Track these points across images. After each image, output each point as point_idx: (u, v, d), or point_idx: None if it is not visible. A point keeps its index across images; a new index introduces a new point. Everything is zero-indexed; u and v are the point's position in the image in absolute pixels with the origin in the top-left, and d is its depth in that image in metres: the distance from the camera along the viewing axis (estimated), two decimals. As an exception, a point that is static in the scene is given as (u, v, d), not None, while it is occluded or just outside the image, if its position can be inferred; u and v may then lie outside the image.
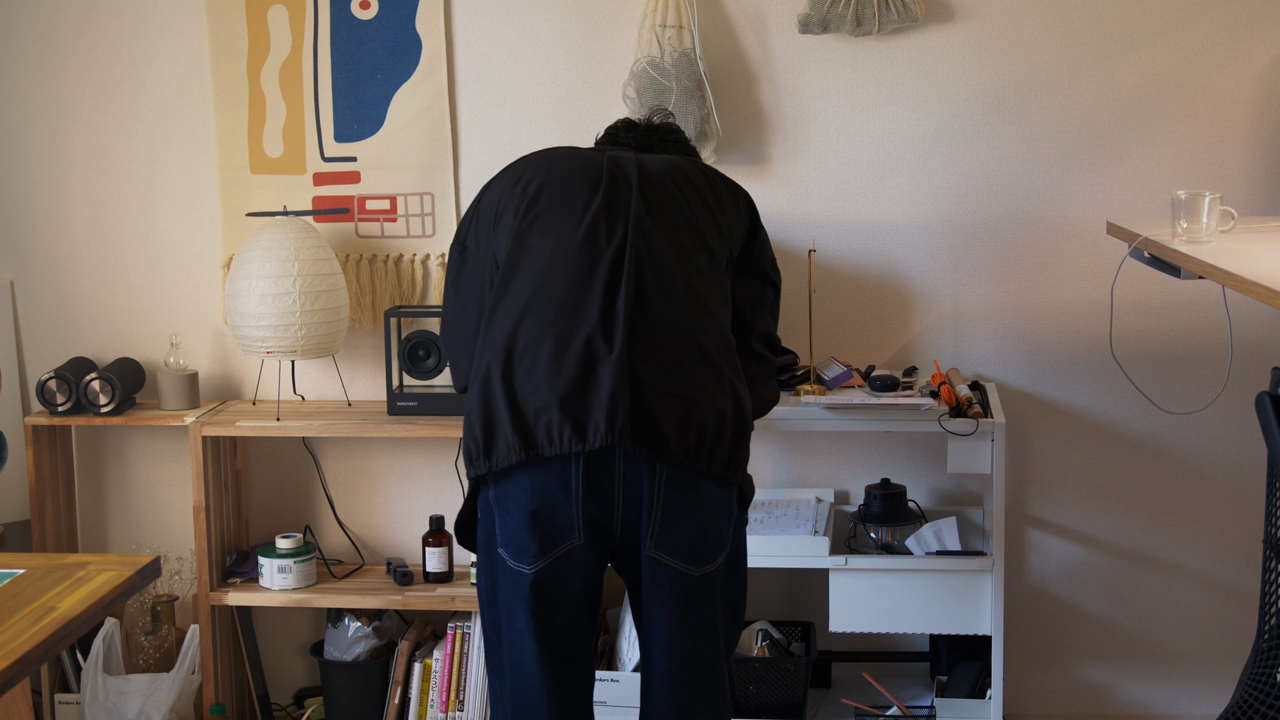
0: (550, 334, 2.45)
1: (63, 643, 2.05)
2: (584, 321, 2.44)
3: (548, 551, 2.44)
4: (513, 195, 2.68)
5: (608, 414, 2.36)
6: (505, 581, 2.48)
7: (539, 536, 2.44)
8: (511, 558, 2.46)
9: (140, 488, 3.87)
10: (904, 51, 3.54)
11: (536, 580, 2.44)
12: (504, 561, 2.48)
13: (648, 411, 2.39)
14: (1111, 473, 3.64)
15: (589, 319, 2.44)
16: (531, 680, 2.48)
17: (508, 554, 2.46)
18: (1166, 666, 3.69)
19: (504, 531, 2.47)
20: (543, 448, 2.39)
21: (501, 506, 2.47)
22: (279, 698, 3.89)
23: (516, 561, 2.45)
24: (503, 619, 2.51)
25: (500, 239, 2.64)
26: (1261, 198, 3.50)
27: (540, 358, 2.43)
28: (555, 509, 2.43)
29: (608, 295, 2.46)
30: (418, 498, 3.81)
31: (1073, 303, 3.58)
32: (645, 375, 2.40)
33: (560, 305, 2.47)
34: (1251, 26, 3.48)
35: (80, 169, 3.80)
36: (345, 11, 3.67)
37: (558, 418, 2.38)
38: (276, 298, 3.46)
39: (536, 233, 2.58)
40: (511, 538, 2.46)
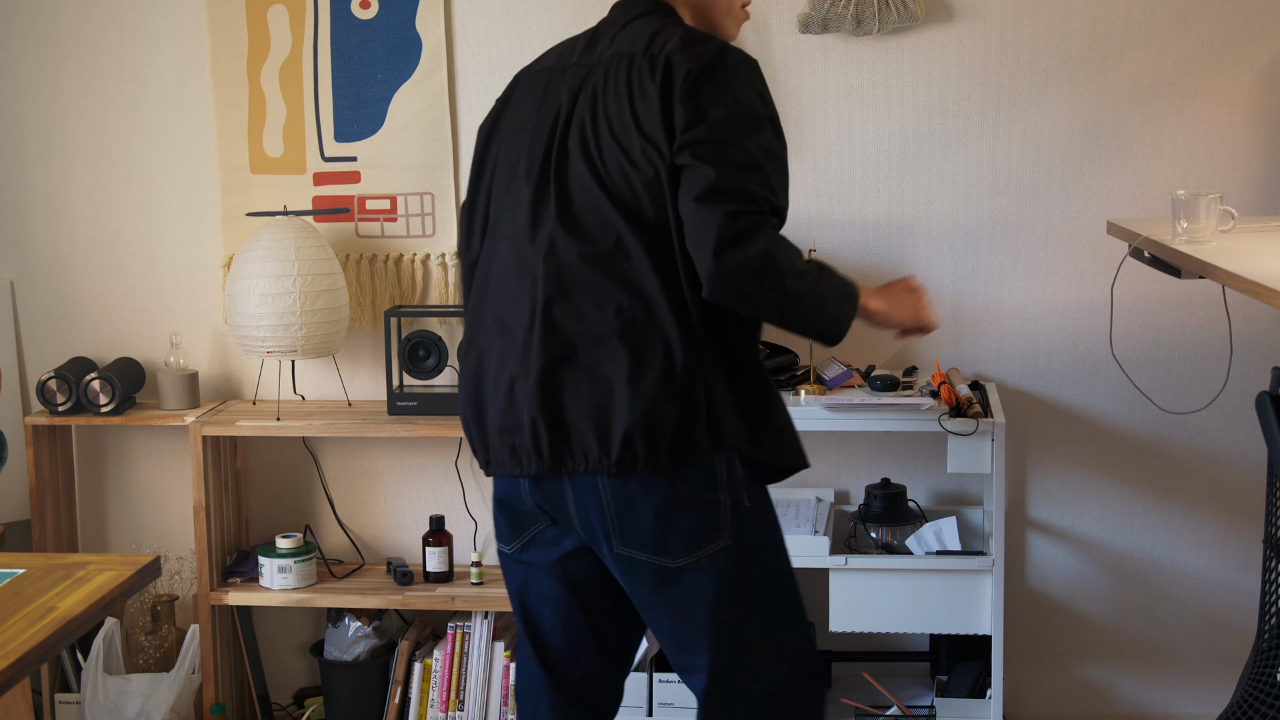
0: (492, 354, 2.34)
1: (63, 643, 2.05)
2: (511, 346, 2.32)
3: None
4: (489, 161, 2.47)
5: (531, 441, 2.27)
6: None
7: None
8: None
9: (140, 488, 3.87)
10: (904, 51, 3.54)
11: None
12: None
13: (565, 432, 2.25)
14: (1111, 472, 3.64)
15: (515, 342, 2.31)
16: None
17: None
18: (1166, 666, 3.69)
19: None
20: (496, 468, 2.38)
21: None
22: (279, 698, 3.89)
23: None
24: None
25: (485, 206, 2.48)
26: (1261, 198, 3.50)
27: (485, 377, 2.35)
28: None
29: (529, 317, 2.30)
30: (418, 498, 3.81)
31: (1073, 303, 3.58)
32: (559, 395, 2.26)
33: (499, 325, 2.35)
34: (1251, 26, 3.48)
35: (80, 169, 3.80)
36: (345, 11, 3.67)
37: (496, 443, 2.33)
38: (276, 297, 3.46)
39: (495, 228, 2.40)
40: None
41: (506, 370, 2.29)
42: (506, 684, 3.57)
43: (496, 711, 3.58)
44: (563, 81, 2.36)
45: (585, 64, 2.36)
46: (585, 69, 2.35)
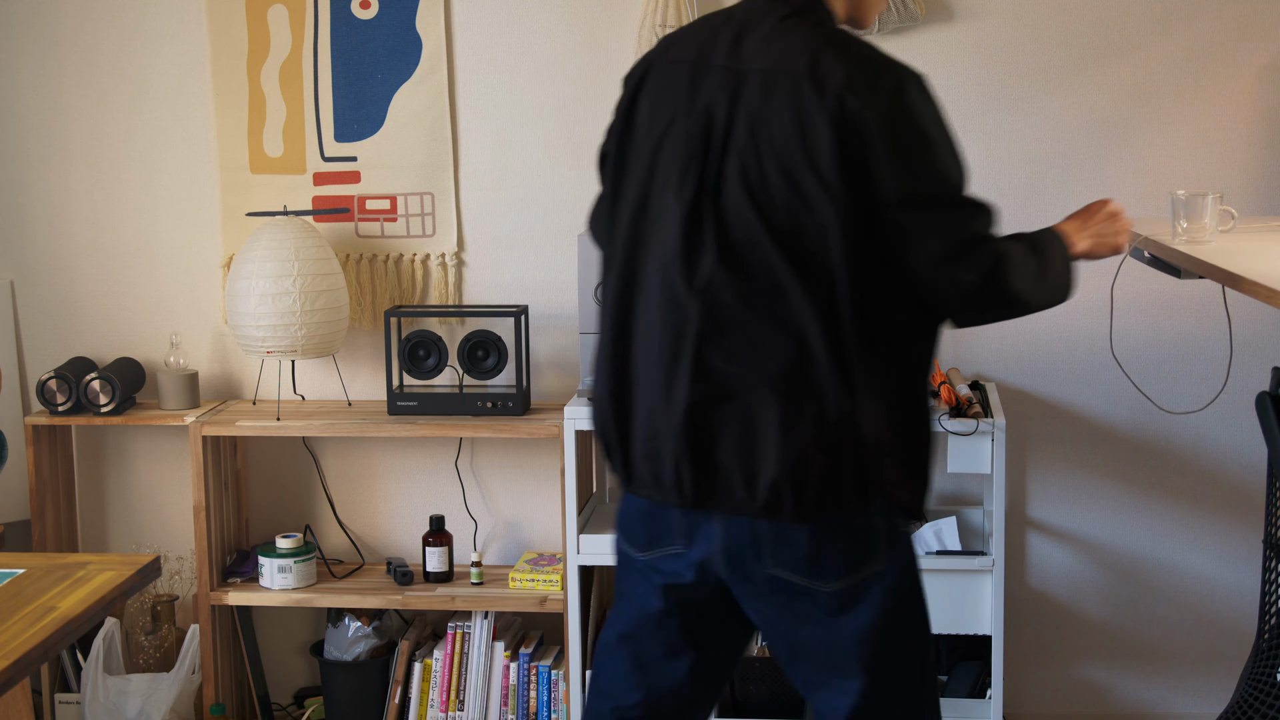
0: (636, 374, 2.26)
1: (63, 643, 2.05)
2: (653, 374, 2.23)
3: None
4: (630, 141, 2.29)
5: (673, 476, 2.23)
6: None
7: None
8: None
9: (140, 488, 3.87)
10: (904, 51, 3.52)
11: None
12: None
13: (711, 472, 2.21)
14: (1111, 473, 3.64)
15: (657, 370, 2.22)
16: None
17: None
18: (1166, 666, 3.69)
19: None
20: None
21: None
22: (279, 697, 3.89)
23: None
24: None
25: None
26: (1261, 198, 3.50)
27: (630, 398, 2.29)
28: None
29: (674, 348, 2.19)
30: (418, 498, 3.81)
31: (1073, 303, 3.56)
32: (707, 435, 2.19)
33: (643, 348, 2.25)
34: (1251, 26, 3.48)
35: (80, 169, 3.80)
36: (345, 11, 3.67)
37: (640, 466, 2.31)
38: (276, 297, 3.46)
39: (640, 236, 2.24)
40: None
41: (648, 398, 2.21)
42: (506, 684, 3.58)
43: (496, 711, 3.59)
44: (711, 84, 2.18)
45: (735, 68, 2.17)
46: (736, 75, 2.17)
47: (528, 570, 3.58)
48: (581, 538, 3.37)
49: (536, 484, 3.77)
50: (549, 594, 3.54)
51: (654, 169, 2.21)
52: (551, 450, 3.70)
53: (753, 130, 2.14)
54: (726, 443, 2.16)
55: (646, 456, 2.23)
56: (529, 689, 3.56)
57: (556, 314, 3.70)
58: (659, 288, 2.19)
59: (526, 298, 3.71)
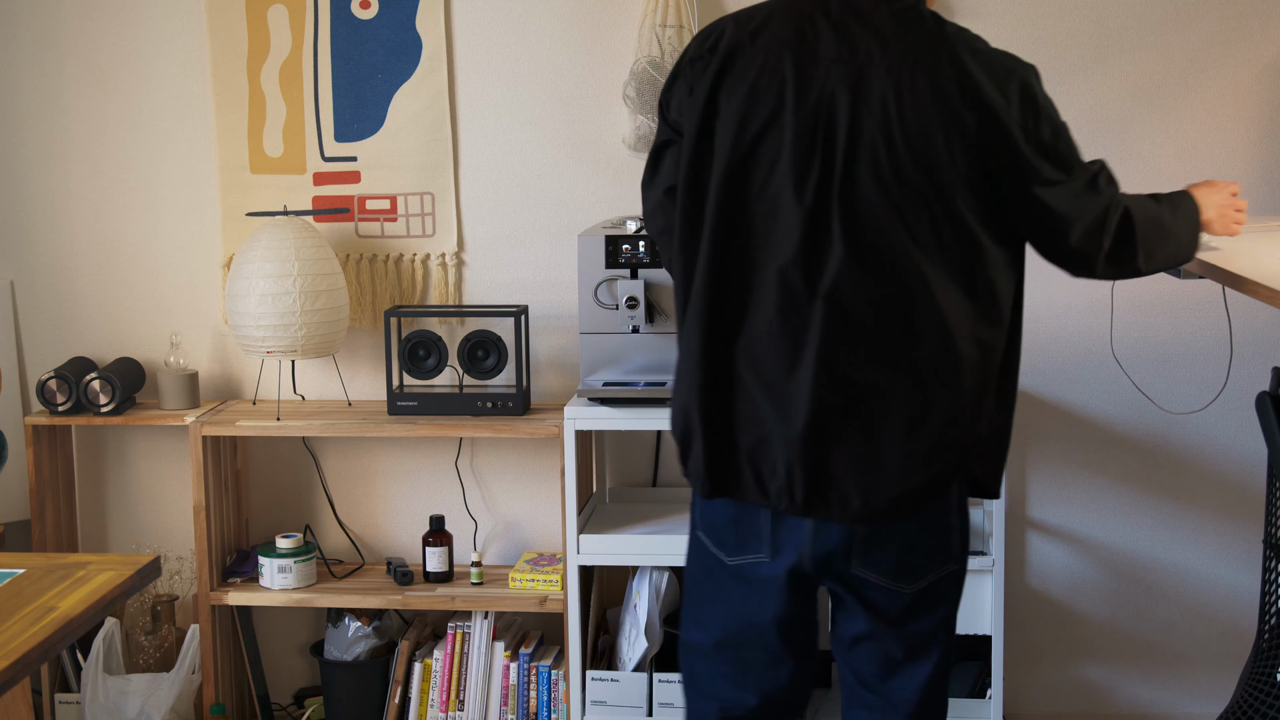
0: (738, 376, 2.26)
1: (63, 643, 2.05)
2: (766, 378, 2.22)
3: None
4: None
5: (785, 483, 2.26)
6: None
7: None
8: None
9: (140, 488, 3.87)
10: (904, 51, 3.54)
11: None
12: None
13: (825, 483, 2.23)
14: (1111, 473, 3.64)
15: (773, 375, 2.21)
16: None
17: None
18: (1166, 666, 3.69)
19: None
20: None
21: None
22: (279, 698, 3.89)
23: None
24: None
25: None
26: (1261, 198, 3.51)
27: (734, 399, 2.31)
28: None
29: (794, 355, 2.18)
30: (418, 498, 3.81)
31: (1073, 303, 3.58)
32: (825, 446, 2.20)
33: (747, 351, 2.23)
34: (1251, 26, 3.48)
35: (80, 169, 3.80)
36: (345, 11, 3.67)
37: (744, 469, 2.31)
38: (276, 297, 3.46)
39: (749, 232, 2.19)
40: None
41: (756, 403, 2.18)
42: (506, 684, 3.58)
43: (496, 711, 3.59)
44: (826, 77, 2.12)
45: (854, 62, 2.11)
46: (857, 70, 2.11)
47: (528, 570, 3.59)
48: (581, 538, 3.37)
49: (536, 484, 3.77)
50: (549, 594, 3.54)
51: (752, 164, 2.15)
52: (551, 450, 3.70)
53: (885, 126, 2.09)
54: (845, 450, 2.15)
55: (752, 462, 2.20)
56: (529, 689, 3.56)
57: (556, 314, 3.70)
58: (775, 289, 2.14)
59: (526, 298, 3.71)
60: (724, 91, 2.18)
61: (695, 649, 2.41)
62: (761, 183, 2.15)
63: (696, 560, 2.39)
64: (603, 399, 3.33)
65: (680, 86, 2.26)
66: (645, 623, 3.37)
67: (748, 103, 2.15)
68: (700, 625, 2.39)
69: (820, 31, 2.15)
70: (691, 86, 2.22)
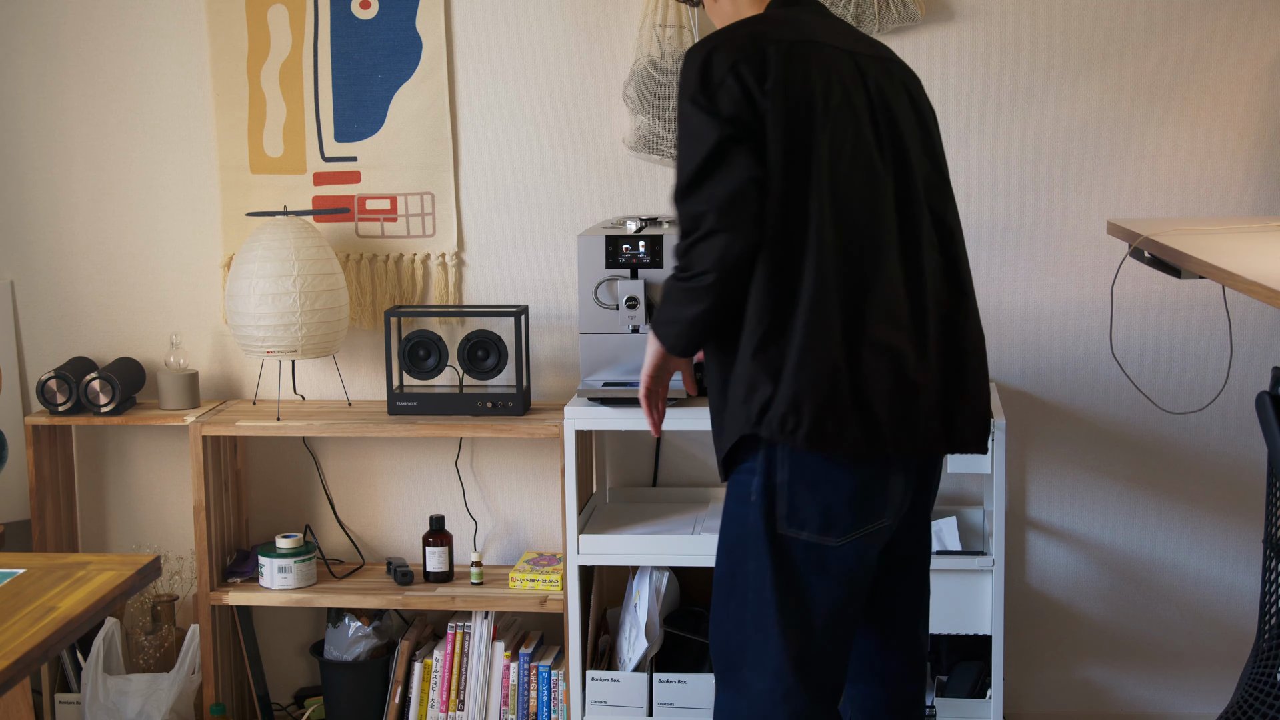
0: (881, 344, 2.45)
1: (63, 643, 2.05)
2: (903, 339, 2.47)
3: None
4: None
5: (932, 425, 2.46)
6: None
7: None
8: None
9: (140, 488, 3.87)
10: (904, 51, 3.53)
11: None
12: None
13: (955, 418, 2.53)
14: (1111, 473, 3.64)
15: (908, 336, 2.47)
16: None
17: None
18: (1166, 666, 3.69)
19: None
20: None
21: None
22: (279, 698, 3.89)
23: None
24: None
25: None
26: (1261, 198, 3.50)
27: (889, 361, 2.48)
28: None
29: (920, 318, 2.50)
30: (418, 498, 3.81)
31: (1073, 303, 3.58)
32: (956, 389, 2.52)
33: (887, 316, 2.45)
34: (1251, 26, 3.48)
35: (80, 169, 3.80)
36: (345, 11, 3.67)
37: (890, 427, 2.46)
38: (276, 297, 3.46)
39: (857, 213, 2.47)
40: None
41: (897, 366, 2.34)
42: (506, 684, 3.58)
43: (496, 711, 3.59)
44: (869, 70, 2.42)
45: (873, 55, 2.46)
46: (880, 63, 2.46)
47: (528, 570, 3.59)
48: (581, 538, 3.37)
49: (536, 484, 3.77)
50: (549, 594, 3.54)
51: (840, 150, 2.34)
52: (551, 450, 3.70)
53: (917, 111, 2.47)
54: (964, 396, 2.43)
55: (902, 418, 2.34)
56: (529, 689, 3.57)
57: (556, 314, 3.70)
58: (898, 265, 2.37)
59: (526, 298, 3.71)
60: (791, 87, 2.33)
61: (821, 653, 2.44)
62: (859, 166, 2.36)
63: (795, 557, 2.39)
64: (603, 399, 3.33)
65: (733, 84, 2.34)
66: (645, 623, 3.37)
67: (823, 95, 2.34)
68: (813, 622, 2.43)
69: (831, 26, 2.46)
70: (754, 79, 2.34)
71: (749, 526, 2.38)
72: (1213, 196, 3.52)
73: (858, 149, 2.36)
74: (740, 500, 2.40)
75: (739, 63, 2.33)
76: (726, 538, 2.45)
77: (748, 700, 2.41)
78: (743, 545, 2.40)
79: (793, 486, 2.34)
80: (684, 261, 2.36)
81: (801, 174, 2.33)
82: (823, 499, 2.34)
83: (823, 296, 2.31)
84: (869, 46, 2.47)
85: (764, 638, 2.39)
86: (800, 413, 2.29)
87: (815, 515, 2.34)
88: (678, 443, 3.73)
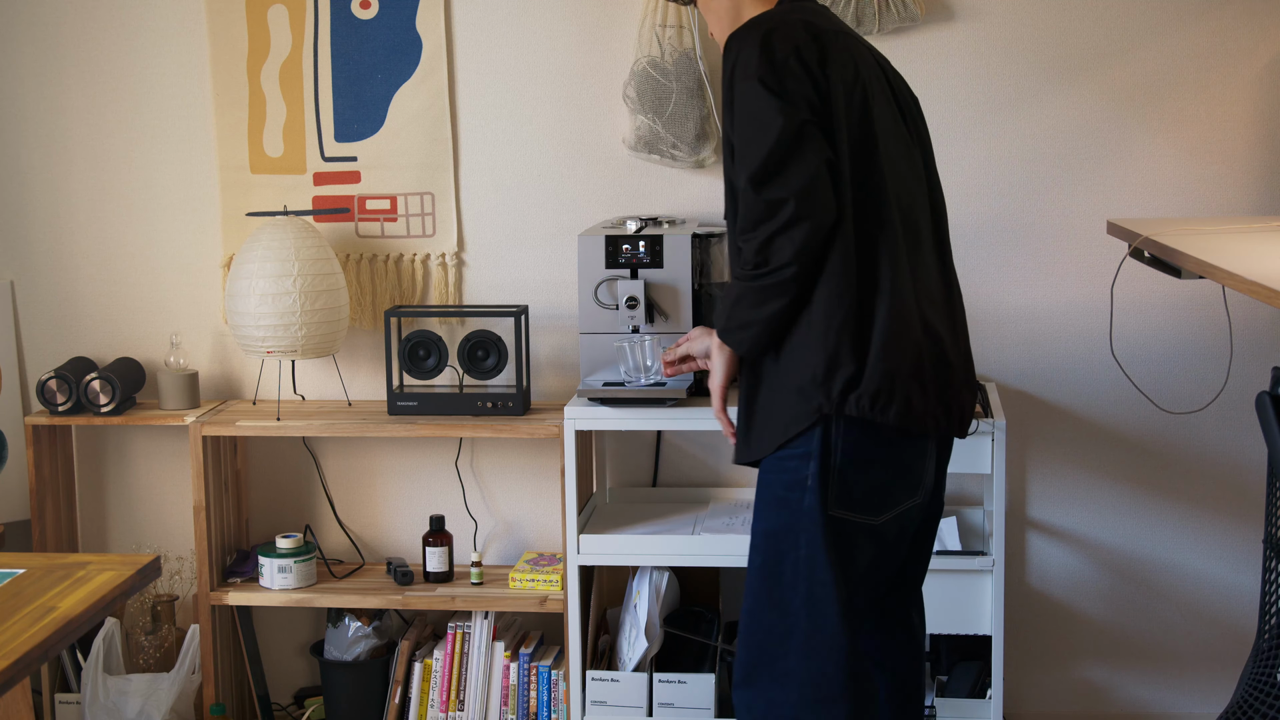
0: (929, 325, 2.54)
1: (63, 643, 2.05)
2: (938, 323, 2.57)
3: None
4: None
5: (965, 406, 2.57)
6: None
7: None
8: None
9: (140, 488, 3.87)
10: (904, 51, 3.54)
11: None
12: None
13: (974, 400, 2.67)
14: (1111, 473, 3.64)
15: (942, 315, 2.59)
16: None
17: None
18: (1166, 666, 3.69)
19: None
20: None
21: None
22: (279, 697, 3.89)
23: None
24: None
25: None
26: (1261, 198, 3.50)
27: (928, 339, 2.55)
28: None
29: (950, 301, 2.63)
30: (418, 498, 3.81)
31: (1073, 303, 3.58)
32: (971, 369, 2.67)
33: (928, 298, 2.54)
34: (1251, 26, 3.48)
35: (80, 169, 3.80)
36: (345, 11, 3.67)
37: (934, 404, 2.53)
38: (276, 297, 3.46)
39: (905, 200, 2.56)
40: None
41: (941, 340, 2.43)
42: (506, 684, 3.58)
43: (496, 711, 3.59)
44: (882, 61, 2.53)
45: (876, 50, 2.56)
46: (884, 59, 2.56)
47: (528, 570, 3.59)
48: (581, 538, 3.37)
49: (536, 484, 3.77)
50: (549, 594, 3.54)
51: (889, 134, 2.42)
52: (551, 450, 3.70)
53: (914, 102, 2.58)
54: (970, 377, 2.53)
55: (939, 396, 2.40)
56: (529, 689, 3.56)
57: (556, 314, 3.71)
58: (933, 251, 2.47)
59: (526, 298, 3.71)
60: (839, 80, 2.37)
61: (851, 648, 2.45)
62: (900, 157, 2.44)
63: (839, 542, 2.41)
64: (603, 399, 3.33)
65: (797, 65, 2.34)
66: (645, 623, 3.37)
67: (868, 90, 2.40)
68: (850, 612, 2.45)
69: (845, 24, 2.58)
70: (817, 62, 2.36)
71: (802, 511, 2.36)
72: (1213, 196, 3.52)
73: (897, 135, 2.43)
74: (791, 485, 2.37)
75: (800, 46, 2.34)
76: (770, 524, 2.41)
77: (795, 686, 2.39)
78: (792, 531, 2.38)
79: (847, 467, 2.35)
80: (761, 255, 2.31)
81: (869, 156, 2.37)
82: (873, 478, 2.38)
83: (899, 277, 2.35)
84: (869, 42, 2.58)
85: (816, 622, 2.38)
86: (893, 391, 2.33)
87: (865, 495, 2.38)
88: (678, 443, 3.73)
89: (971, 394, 2.52)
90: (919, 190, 2.47)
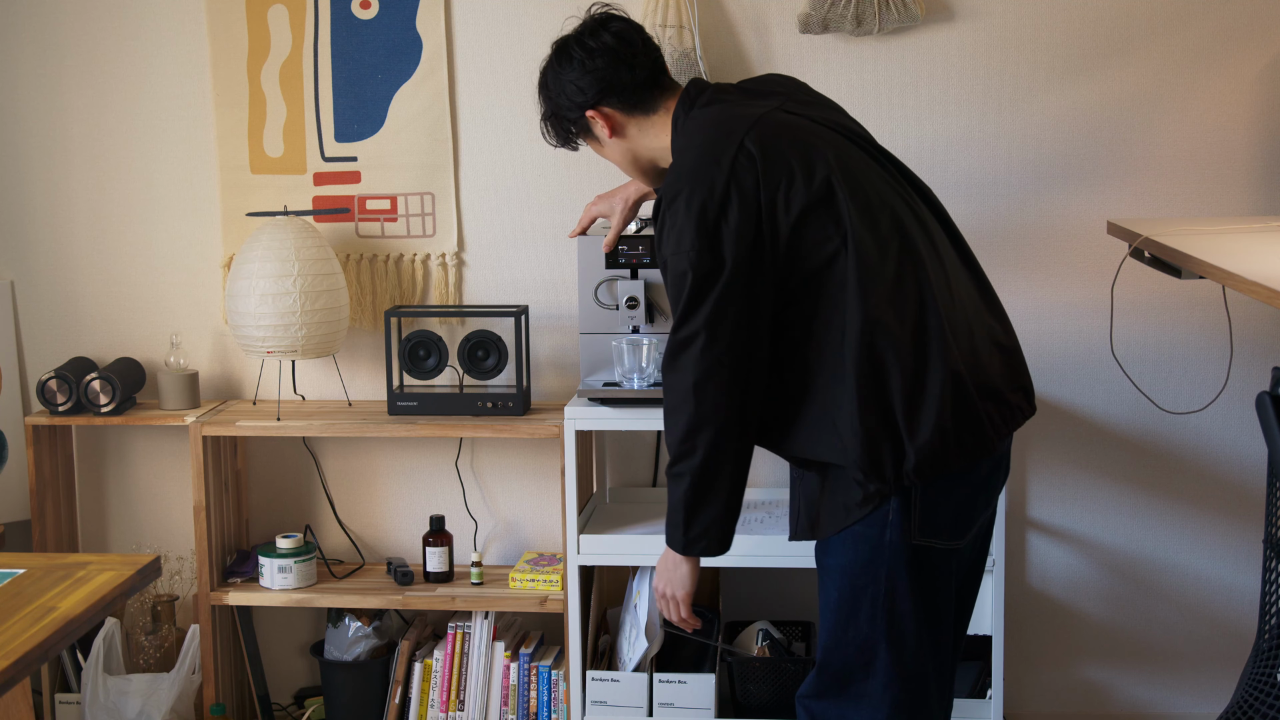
0: (969, 344, 2.52)
1: (63, 643, 2.05)
2: (973, 333, 2.55)
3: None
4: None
5: (1019, 407, 2.53)
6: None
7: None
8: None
9: (140, 488, 3.87)
10: (904, 51, 3.54)
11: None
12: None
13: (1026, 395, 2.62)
14: (1111, 473, 3.64)
15: (975, 324, 2.56)
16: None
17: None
18: (1166, 666, 3.69)
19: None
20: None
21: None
22: (279, 698, 3.89)
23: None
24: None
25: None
26: (1261, 198, 3.51)
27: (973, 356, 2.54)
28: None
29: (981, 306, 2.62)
30: (418, 498, 3.81)
31: (1073, 303, 3.58)
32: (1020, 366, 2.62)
33: (957, 303, 2.53)
34: (1251, 26, 3.48)
35: (80, 169, 3.80)
36: (345, 11, 3.67)
37: (994, 412, 2.48)
38: (277, 297, 3.46)
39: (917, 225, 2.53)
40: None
41: (994, 331, 2.46)
42: (506, 684, 3.58)
43: (496, 711, 3.59)
44: (824, 115, 2.59)
45: (809, 101, 2.66)
46: (817, 107, 2.65)
47: (528, 570, 3.59)
48: (581, 538, 3.37)
49: (536, 484, 3.77)
50: (549, 594, 3.54)
51: (883, 194, 2.42)
52: (551, 450, 3.70)
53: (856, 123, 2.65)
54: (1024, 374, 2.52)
55: (991, 413, 2.38)
56: (529, 689, 3.57)
57: (556, 314, 3.71)
58: (960, 268, 2.48)
59: (526, 298, 3.71)
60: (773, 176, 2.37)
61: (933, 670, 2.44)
62: (869, 180, 2.44)
63: (924, 572, 2.39)
64: (603, 399, 3.33)
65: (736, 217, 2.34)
66: (645, 623, 3.37)
67: (810, 160, 2.38)
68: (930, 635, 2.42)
69: (764, 98, 2.58)
70: (753, 189, 2.34)
71: (884, 545, 2.35)
72: (1213, 196, 3.52)
73: (882, 191, 2.40)
74: (871, 523, 2.36)
75: (732, 194, 2.31)
76: (848, 560, 2.40)
77: (870, 707, 2.42)
78: (873, 565, 2.37)
79: (929, 497, 2.35)
80: (687, 445, 2.38)
81: (886, 236, 2.36)
82: (954, 503, 2.38)
83: (926, 330, 2.33)
84: (803, 98, 2.58)
85: (897, 652, 2.38)
86: (946, 439, 2.31)
87: (949, 522, 2.38)
88: (678, 443, 3.73)
89: (1022, 367, 2.50)
90: (923, 221, 2.44)
